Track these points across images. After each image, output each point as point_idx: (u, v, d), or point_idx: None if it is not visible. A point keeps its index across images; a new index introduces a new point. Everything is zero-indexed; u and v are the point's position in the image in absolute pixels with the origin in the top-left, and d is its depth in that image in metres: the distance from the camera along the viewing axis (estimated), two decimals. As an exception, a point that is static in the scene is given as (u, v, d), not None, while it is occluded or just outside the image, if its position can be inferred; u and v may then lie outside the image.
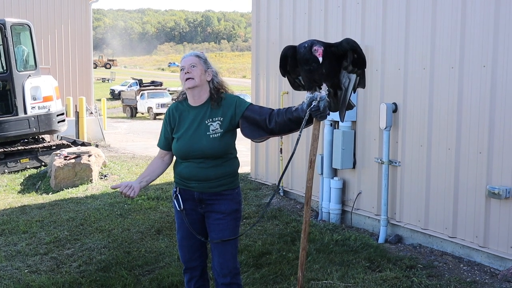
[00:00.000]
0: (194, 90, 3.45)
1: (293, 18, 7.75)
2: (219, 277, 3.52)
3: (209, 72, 3.49)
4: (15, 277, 5.18)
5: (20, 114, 11.24)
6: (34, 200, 8.69)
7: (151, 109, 32.09)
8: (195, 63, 3.45)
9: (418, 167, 5.90)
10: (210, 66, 3.53)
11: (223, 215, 3.48)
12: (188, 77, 3.42)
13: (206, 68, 3.48)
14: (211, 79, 3.49)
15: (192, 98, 3.50)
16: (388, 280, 4.85)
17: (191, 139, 3.40)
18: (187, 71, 3.43)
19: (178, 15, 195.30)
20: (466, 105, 5.38)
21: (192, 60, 3.47)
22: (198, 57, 3.49)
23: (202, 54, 3.55)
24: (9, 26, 11.16)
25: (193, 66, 3.44)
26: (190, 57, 3.49)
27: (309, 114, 3.16)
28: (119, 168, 10.78)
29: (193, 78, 3.42)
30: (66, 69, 20.18)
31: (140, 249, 5.84)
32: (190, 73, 3.42)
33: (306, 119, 3.17)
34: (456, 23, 5.43)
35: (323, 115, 3.17)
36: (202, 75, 3.45)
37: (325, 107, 3.15)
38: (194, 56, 3.50)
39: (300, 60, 3.22)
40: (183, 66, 3.47)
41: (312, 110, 3.15)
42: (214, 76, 3.51)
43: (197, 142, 3.39)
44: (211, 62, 3.57)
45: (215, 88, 3.49)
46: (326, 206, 6.97)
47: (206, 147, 3.38)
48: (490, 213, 5.22)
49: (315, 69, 3.17)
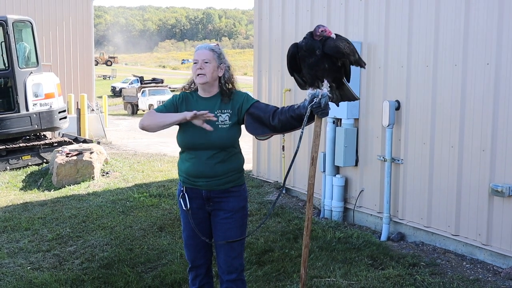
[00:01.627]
0: (204, 85, 3.45)
1: (295, 15, 7.73)
2: (224, 274, 3.52)
3: (221, 67, 3.46)
4: (18, 274, 5.18)
5: (22, 111, 11.23)
6: (36, 197, 8.69)
7: (152, 106, 32.05)
8: (209, 59, 3.41)
9: (421, 164, 5.89)
10: (223, 60, 3.49)
11: (231, 214, 3.47)
12: (200, 73, 3.40)
13: (219, 63, 3.45)
14: (222, 74, 3.47)
15: (202, 90, 3.49)
16: (391, 277, 4.84)
17: (199, 129, 3.35)
18: (200, 66, 3.40)
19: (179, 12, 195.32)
20: (469, 103, 5.37)
21: (206, 55, 3.42)
22: (212, 51, 3.44)
23: (217, 47, 3.50)
24: (11, 23, 11.13)
25: (207, 62, 3.40)
26: (204, 51, 3.44)
27: (310, 111, 3.16)
28: (121, 165, 10.77)
29: (204, 74, 3.39)
30: (68, 66, 20.17)
31: (143, 246, 5.84)
32: (202, 69, 3.39)
33: (307, 115, 3.17)
34: (460, 21, 5.42)
35: (324, 112, 3.15)
36: (214, 71, 3.42)
37: (326, 104, 3.13)
38: (209, 50, 3.44)
39: (304, 54, 3.20)
40: (196, 60, 3.43)
41: (313, 107, 3.14)
42: (226, 71, 3.49)
43: (206, 131, 3.35)
44: (225, 55, 3.52)
45: (225, 84, 3.47)
46: (328, 204, 6.96)
47: (214, 137, 3.37)
48: (493, 211, 5.21)
49: (319, 60, 3.14)
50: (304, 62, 3.23)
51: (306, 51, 3.17)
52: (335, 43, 3.10)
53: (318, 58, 3.14)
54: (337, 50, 3.10)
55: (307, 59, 3.19)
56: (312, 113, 3.17)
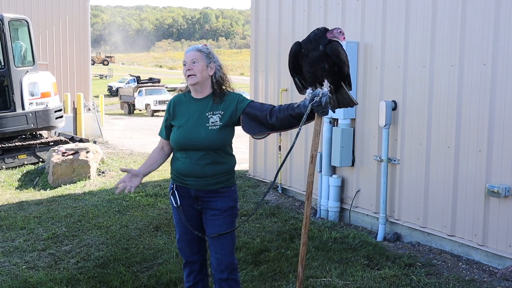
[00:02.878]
0: (196, 86, 3.47)
1: (292, 16, 7.73)
2: (217, 273, 3.54)
3: (211, 66, 3.47)
4: (13, 273, 5.16)
5: (18, 110, 11.20)
6: (32, 196, 8.67)
7: (148, 106, 32.05)
8: (196, 58, 3.43)
9: (417, 165, 5.89)
10: (213, 59, 3.50)
11: (219, 212, 3.50)
12: (189, 74, 3.43)
13: (208, 62, 3.46)
14: (213, 73, 3.48)
15: (194, 91, 3.52)
16: (387, 278, 4.85)
17: (190, 130, 3.42)
18: (189, 67, 3.43)
19: (176, 12, 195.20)
20: (465, 103, 5.38)
21: (193, 55, 3.45)
22: (199, 52, 3.46)
23: (204, 47, 3.52)
24: (7, 22, 11.11)
25: (194, 62, 3.43)
26: (191, 52, 3.47)
27: (310, 109, 3.19)
28: (117, 165, 10.75)
29: (194, 74, 3.42)
30: (64, 65, 20.14)
31: (139, 245, 5.82)
32: (191, 70, 3.42)
33: (308, 113, 3.20)
34: (456, 21, 5.42)
35: (325, 111, 3.20)
36: (204, 70, 3.44)
37: (326, 102, 3.18)
38: (195, 50, 3.47)
39: (308, 47, 3.22)
40: (185, 61, 3.47)
41: (314, 105, 3.18)
42: (217, 70, 3.50)
43: (196, 132, 3.40)
44: (215, 55, 3.54)
45: (217, 83, 3.48)
46: (324, 204, 6.96)
47: (204, 138, 3.39)
48: (489, 211, 5.22)
49: (320, 57, 3.18)
50: (306, 58, 3.26)
51: (312, 42, 3.22)
52: (337, 47, 3.21)
53: (319, 54, 3.19)
54: (337, 52, 3.20)
55: (310, 53, 3.23)
56: (312, 111, 3.21)
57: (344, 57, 3.24)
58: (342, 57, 3.22)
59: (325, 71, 3.22)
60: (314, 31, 3.25)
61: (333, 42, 3.21)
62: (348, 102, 3.43)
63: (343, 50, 3.25)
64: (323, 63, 3.20)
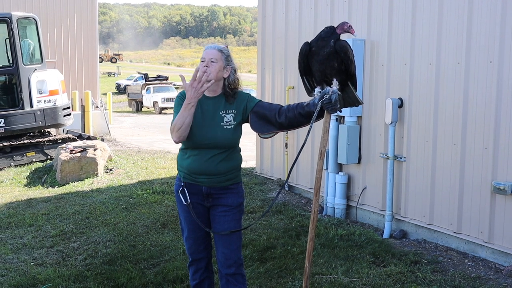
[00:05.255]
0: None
1: (299, 13, 7.73)
2: (224, 268, 3.56)
3: (228, 68, 3.47)
4: (21, 269, 5.21)
5: (26, 108, 11.27)
6: (40, 193, 8.73)
7: (156, 104, 32.10)
8: (216, 58, 3.42)
9: (423, 162, 5.89)
10: (231, 62, 3.50)
11: (229, 208, 3.53)
12: (205, 71, 3.41)
13: (226, 64, 3.46)
14: (228, 76, 3.48)
15: (207, 90, 3.51)
16: (393, 275, 4.86)
17: (205, 128, 3.42)
18: (206, 64, 3.41)
19: (184, 10, 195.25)
20: (472, 101, 5.37)
21: (213, 54, 3.43)
22: (221, 52, 3.45)
23: (226, 49, 3.51)
24: (15, 20, 11.17)
25: (213, 61, 3.42)
26: (212, 51, 3.45)
27: (320, 106, 3.22)
28: (124, 162, 10.80)
29: (210, 73, 3.40)
30: (72, 63, 20.19)
31: (145, 242, 5.86)
32: (208, 68, 3.41)
33: (318, 111, 3.24)
34: (463, 18, 5.41)
35: (335, 108, 3.23)
36: (220, 71, 3.43)
37: (336, 100, 3.21)
38: (217, 50, 3.46)
39: (318, 44, 3.25)
40: (203, 58, 3.45)
41: (324, 103, 3.21)
42: (232, 74, 3.50)
43: (211, 131, 3.42)
44: (233, 58, 3.54)
45: (229, 85, 3.49)
46: (331, 201, 6.97)
47: (220, 137, 3.42)
48: (495, 209, 5.22)
49: (330, 54, 3.22)
50: (317, 56, 3.29)
51: (324, 39, 3.25)
52: (346, 45, 3.27)
53: (329, 51, 3.23)
54: (345, 50, 3.25)
55: (321, 50, 3.26)
56: (322, 109, 3.24)
57: (351, 56, 3.29)
58: (349, 55, 3.27)
59: (334, 69, 3.26)
60: (325, 29, 3.29)
61: (341, 40, 3.26)
62: (354, 102, 3.46)
63: (351, 49, 3.30)
64: (333, 60, 3.24)
